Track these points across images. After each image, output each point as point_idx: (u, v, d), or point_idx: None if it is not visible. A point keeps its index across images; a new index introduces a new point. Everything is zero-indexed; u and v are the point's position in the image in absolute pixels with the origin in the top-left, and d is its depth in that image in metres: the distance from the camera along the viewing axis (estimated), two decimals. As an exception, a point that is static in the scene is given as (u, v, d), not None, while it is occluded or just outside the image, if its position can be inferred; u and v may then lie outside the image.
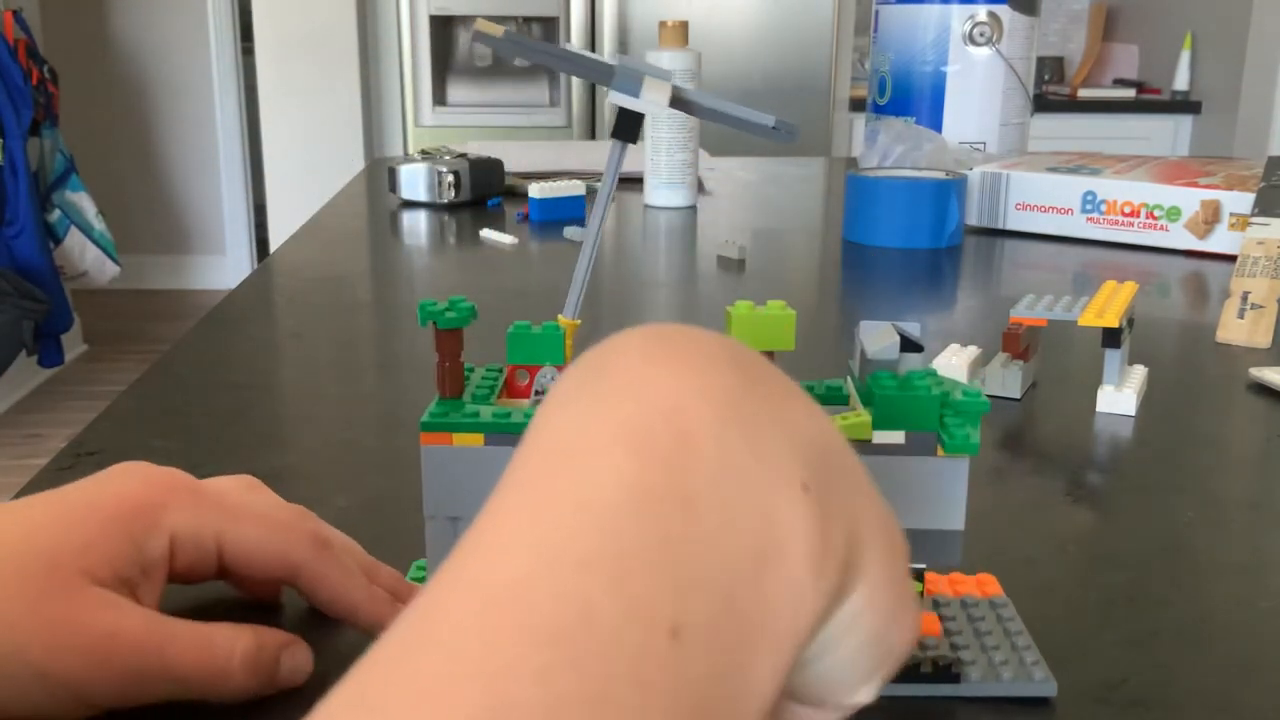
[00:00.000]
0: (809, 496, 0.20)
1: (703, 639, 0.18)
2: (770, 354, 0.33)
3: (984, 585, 0.40)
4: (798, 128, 0.37)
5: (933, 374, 0.34)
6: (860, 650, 0.22)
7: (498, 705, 0.16)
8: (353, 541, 0.39)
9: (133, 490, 0.33)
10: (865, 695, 0.24)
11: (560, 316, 0.37)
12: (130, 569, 0.31)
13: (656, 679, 0.17)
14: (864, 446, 0.33)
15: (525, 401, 0.36)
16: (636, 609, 0.17)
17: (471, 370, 0.37)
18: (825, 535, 0.20)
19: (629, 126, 0.35)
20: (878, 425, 0.33)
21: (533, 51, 0.35)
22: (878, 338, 0.34)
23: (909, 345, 0.34)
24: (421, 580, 0.39)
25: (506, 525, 0.19)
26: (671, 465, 0.19)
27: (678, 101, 0.35)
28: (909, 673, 0.34)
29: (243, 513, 0.34)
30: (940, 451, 0.33)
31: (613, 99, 0.35)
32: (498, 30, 0.35)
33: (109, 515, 0.32)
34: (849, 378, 0.37)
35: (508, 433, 0.33)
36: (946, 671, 0.34)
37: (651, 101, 0.34)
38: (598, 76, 0.35)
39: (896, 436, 0.33)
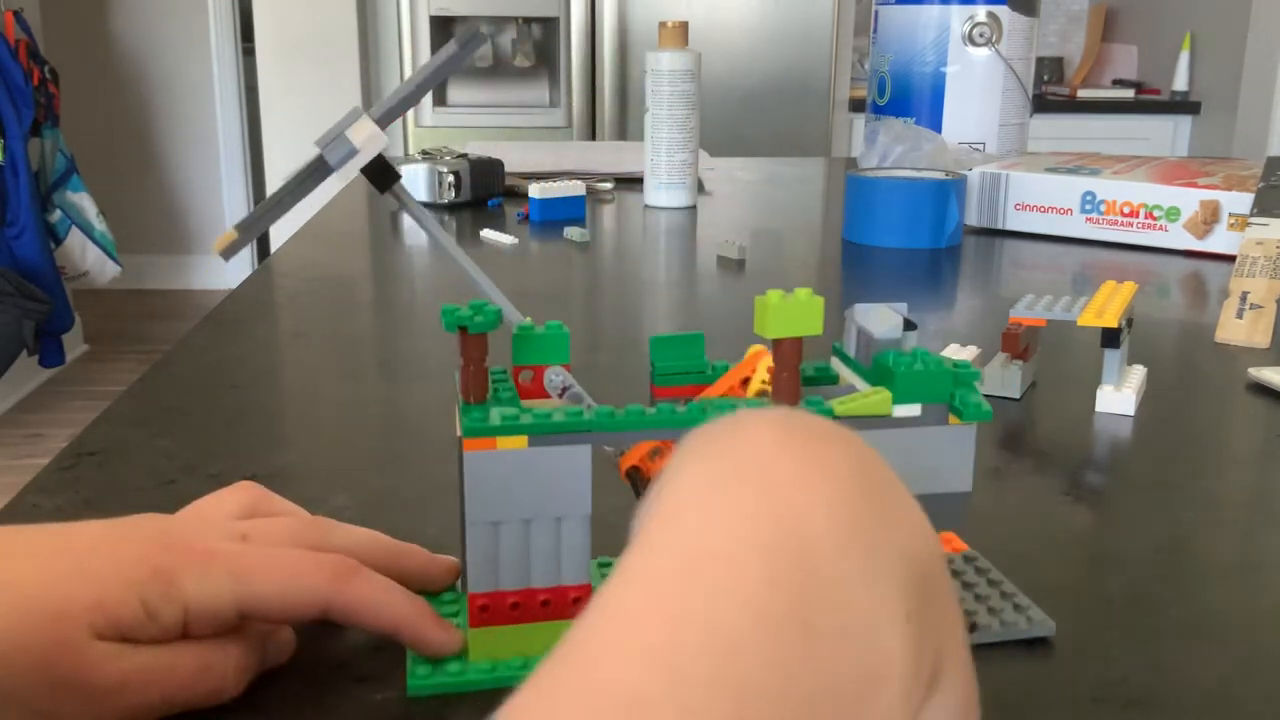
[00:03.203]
0: (910, 626, 0.21)
1: None
2: (798, 339, 0.35)
3: (950, 542, 0.42)
4: (481, 34, 0.37)
5: (926, 350, 0.36)
6: None
7: None
8: (374, 534, 0.39)
9: (150, 554, 0.32)
10: None
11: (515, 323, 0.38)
12: (139, 633, 0.31)
13: None
14: (883, 421, 0.35)
15: (555, 401, 0.37)
16: None
17: None
18: (919, 662, 0.21)
19: (380, 176, 0.36)
20: (899, 400, 0.35)
21: (262, 221, 0.35)
22: (879, 320, 0.37)
23: (905, 325, 0.37)
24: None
25: (633, 632, 0.19)
26: (795, 588, 0.20)
27: (390, 115, 0.35)
28: None
29: (259, 569, 0.33)
30: (953, 420, 0.35)
31: (341, 171, 0.36)
32: (229, 239, 0.36)
33: (124, 576, 0.31)
34: (835, 359, 0.39)
35: (550, 433, 0.33)
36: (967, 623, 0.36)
37: (364, 140, 0.35)
38: (316, 176, 0.35)
39: (914, 410, 0.35)
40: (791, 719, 0.18)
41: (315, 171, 0.35)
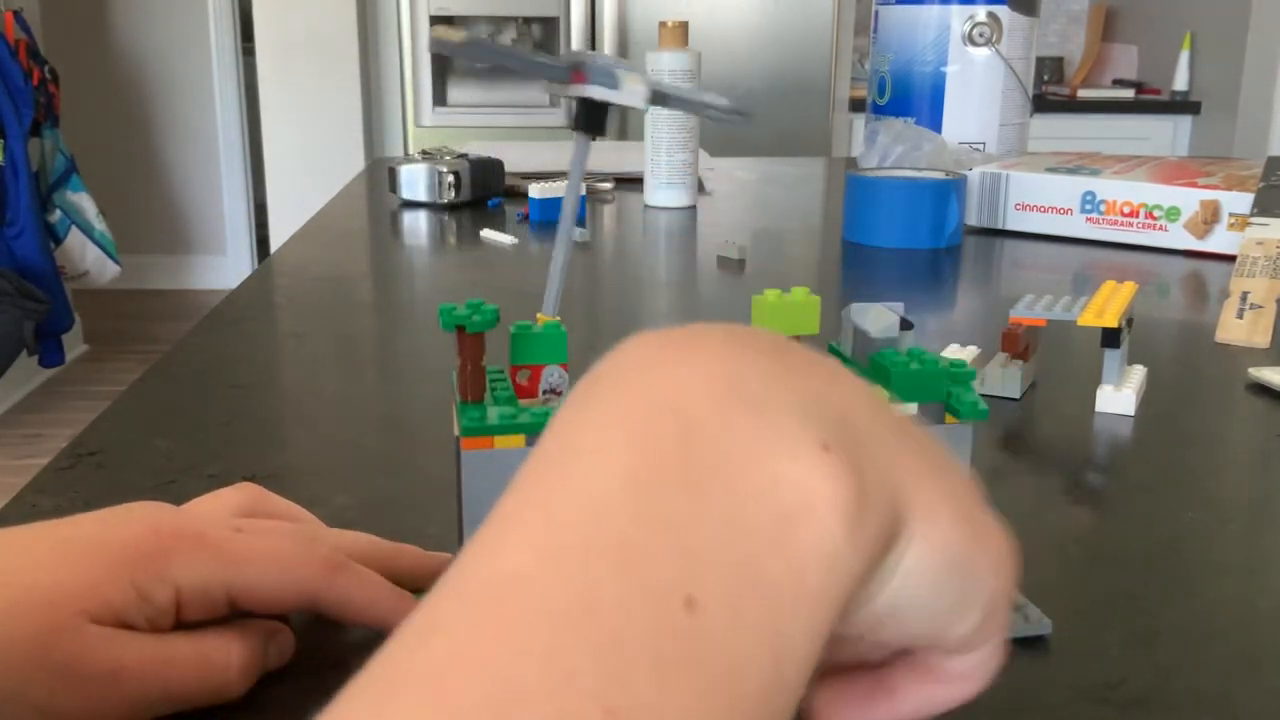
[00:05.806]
0: (830, 455, 0.20)
1: (723, 609, 0.18)
2: (797, 338, 0.35)
3: None
4: (751, 114, 0.38)
5: (923, 349, 0.36)
6: (936, 592, 0.23)
7: (507, 686, 0.16)
8: (367, 536, 0.39)
9: (140, 537, 0.32)
10: (964, 628, 0.24)
11: (539, 314, 0.37)
12: (134, 616, 0.31)
13: (674, 651, 0.17)
14: None
15: (556, 400, 0.37)
16: (644, 587, 0.18)
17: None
18: (859, 489, 0.21)
19: (595, 119, 0.36)
20: (896, 399, 0.35)
21: (493, 55, 0.35)
22: (876, 319, 0.37)
23: (902, 324, 0.38)
24: None
25: (509, 525, 0.19)
26: (672, 452, 0.20)
27: (656, 94, 0.35)
28: None
29: (249, 556, 0.33)
30: (950, 419, 0.35)
31: (589, 93, 0.35)
32: (457, 36, 0.35)
33: (114, 560, 0.31)
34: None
35: None
36: None
37: (633, 94, 0.34)
38: (558, 76, 0.35)
39: (910, 409, 0.35)
40: (690, 570, 0.18)
41: (557, 70, 0.34)
